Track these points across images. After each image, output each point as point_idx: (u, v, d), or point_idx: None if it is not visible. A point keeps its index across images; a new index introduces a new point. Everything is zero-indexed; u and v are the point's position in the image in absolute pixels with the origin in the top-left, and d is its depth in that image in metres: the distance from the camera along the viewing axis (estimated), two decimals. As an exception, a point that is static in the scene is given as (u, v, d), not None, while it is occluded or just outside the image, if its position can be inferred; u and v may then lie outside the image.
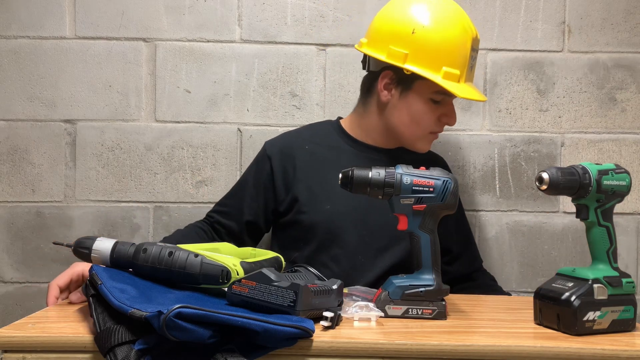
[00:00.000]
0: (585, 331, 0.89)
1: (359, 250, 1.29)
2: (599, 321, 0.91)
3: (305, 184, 1.33)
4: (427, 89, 1.24)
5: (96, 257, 0.96)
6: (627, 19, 1.61)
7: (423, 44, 1.21)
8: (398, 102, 1.28)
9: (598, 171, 0.94)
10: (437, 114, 1.28)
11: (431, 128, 1.29)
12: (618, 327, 0.92)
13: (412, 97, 1.26)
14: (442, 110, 1.28)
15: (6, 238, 1.58)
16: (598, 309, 0.90)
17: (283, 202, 1.34)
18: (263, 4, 1.59)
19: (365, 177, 0.98)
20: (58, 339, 0.82)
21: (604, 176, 0.93)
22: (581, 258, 1.61)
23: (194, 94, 1.60)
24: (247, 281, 0.87)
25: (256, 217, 1.37)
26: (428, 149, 1.34)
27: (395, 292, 0.97)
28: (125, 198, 1.59)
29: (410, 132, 1.29)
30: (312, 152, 1.36)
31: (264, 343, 0.79)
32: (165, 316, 0.72)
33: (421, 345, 0.83)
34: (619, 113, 1.62)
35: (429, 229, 0.98)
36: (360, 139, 1.36)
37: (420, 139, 1.30)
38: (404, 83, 1.26)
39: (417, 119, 1.27)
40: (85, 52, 1.58)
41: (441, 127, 1.31)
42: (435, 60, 1.21)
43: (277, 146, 1.39)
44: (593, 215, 0.94)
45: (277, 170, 1.35)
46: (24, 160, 1.58)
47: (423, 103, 1.26)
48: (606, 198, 0.94)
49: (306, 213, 1.31)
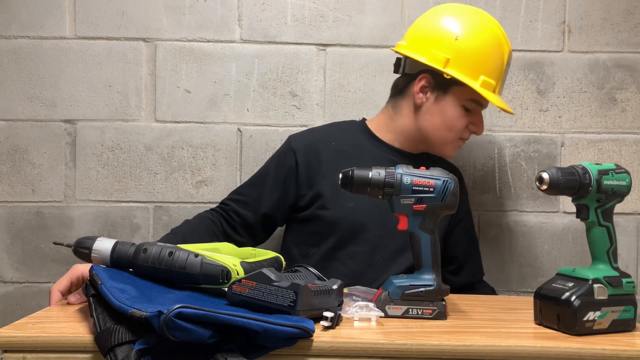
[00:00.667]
0: (585, 331, 0.89)
1: (377, 249, 1.30)
2: (599, 321, 0.90)
3: (330, 180, 1.32)
4: (463, 96, 1.28)
5: (96, 257, 0.96)
6: (627, 19, 1.61)
7: (464, 51, 1.25)
8: (432, 106, 1.30)
9: (598, 171, 0.93)
10: (467, 121, 1.31)
11: (461, 134, 1.32)
12: (618, 327, 0.92)
13: (447, 102, 1.29)
14: (471, 119, 1.31)
15: (6, 238, 1.58)
16: (598, 309, 0.90)
17: (304, 196, 1.34)
18: (263, 4, 1.59)
19: (366, 177, 0.98)
20: (58, 339, 0.82)
21: (604, 176, 0.93)
22: (581, 258, 1.61)
23: (194, 94, 1.60)
24: (247, 281, 0.87)
25: (274, 210, 1.36)
26: (454, 154, 1.37)
27: (395, 292, 0.97)
28: (125, 198, 1.59)
29: (441, 136, 1.32)
30: (339, 149, 1.35)
31: (264, 343, 0.79)
32: (166, 316, 0.72)
33: (421, 345, 0.83)
34: (619, 113, 1.62)
35: (429, 229, 0.98)
36: (386, 140, 1.37)
37: (448, 144, 1.33)
38: (441, 87, 1.29)
39: (449, 124, 1.30)
40: (85, 52, 1.58)
41: (468, 134, 1.34)
42: (475, 68, 1.25)
43: (303, 141, 1.38)
44: (593, 215, 0.94)
45: (302, 164, 1.34)
46: (24, 160, 1.58)
47: (457, 109, 1.29)
48: (606, 198, 0.94)
49: (329, 209, 1.31)
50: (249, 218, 1.35)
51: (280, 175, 1.36)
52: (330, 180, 1.32)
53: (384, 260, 1.30)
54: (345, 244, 1.30)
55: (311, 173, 1.34)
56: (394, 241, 1.29)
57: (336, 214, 1.31)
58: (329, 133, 1.40)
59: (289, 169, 1.35)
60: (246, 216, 1.35)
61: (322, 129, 1.44)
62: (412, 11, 1.59)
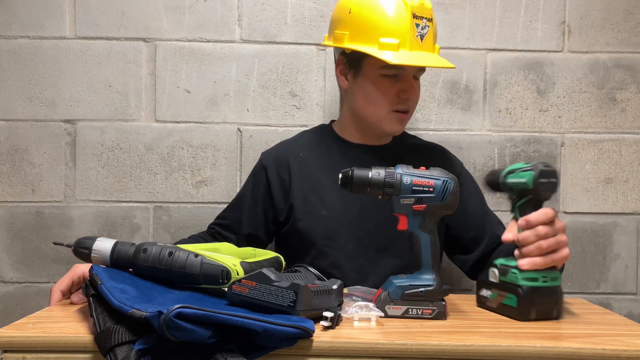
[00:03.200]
0: (482, 305, 1.06)
1: (358, 253, 1.28)
2: (490, 299, 1.04)
3: (300, 191, 1.32)
4: (374, 66, 1.22)
5: (96, 257, 0.96)
6: (627, 19, 1.61)
7: (359, 21, 1.22)
8: (354, 86, 1.28)
9: (508, 171, 1.04)
10: (395, 90, 1.24)
11: (391, 106, 1.25)
12: (504, 311, 1.01)
13: (364, 77, 1.25)
14: (400, 86, 1.24)
15: (6, 238, 1.58)
16: (489, 289, 1.04)
17: (282, 211, 1.33)
18: (263, 4, 1.59)
19: (365, 177, 0.98)
20: (58, 339, 0.82)
21: (509, 175, 1.03)
22: (581, 258, 1.61)
23: (194, 94, 1.60)
24: (247, 281, 0.87)
25: (256, 229, 1.36)
26: (398, 129, 1.29)
27: (395, 292, 0.97)
28: (125, 198, 1.59)
29: (371, 114, 1.27)
30: (305, 159, 1.35)
31: (264, 343, 0.79)
32: (166, 316, 0.72)
33: (421, 345, 0.83)
34: (619, 113, 1.62)
35: (429, 229, 0.98)
36: (351, 139, 1.36)
37: (383, 119, 1.27)
38: (355, 65, 1.26)
39: (372, 98, 1.25)
40: (85, 52, 1.58)
41: (403, 104, 1.26)
42: (371, 34, 1.20)
43: (272, 156, 1.38)
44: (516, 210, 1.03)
45: (273, 180, 1.34)
46: (24, 160, 1.58)
47: (375, 80, 1.24)
48: (518, 195, 1.03)
49: (303, 220, 1.30)
50: (233, 240, 1.35)
51: (256, 195, 1.36)
52: (301, 192, 1.31)
53: (368, 262, 1.28)
54: (325, 253, 1.28)
55: (284, 187, 1.33)
56: (375, 242, 1.28)
57: (310, 225, 1.29)
58: (297, 144, 1.39)
59: (263, 187, 1.35)
60: (230, 238, 1.36)
61: (290, 141, 1.42)
62: (412, 11, 1.59)
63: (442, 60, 1.24)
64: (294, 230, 1.32)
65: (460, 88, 1.61)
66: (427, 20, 1.22)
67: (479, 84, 1.61)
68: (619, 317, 1.06)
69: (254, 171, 1.40)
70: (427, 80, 1.60)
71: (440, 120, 1.61)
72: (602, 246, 1.62)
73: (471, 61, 1.61)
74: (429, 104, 1.61)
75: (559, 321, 0.99)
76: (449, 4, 1.60)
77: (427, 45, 1.22)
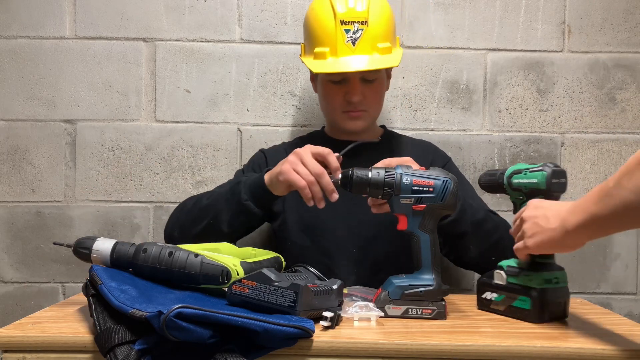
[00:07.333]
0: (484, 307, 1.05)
1: (348, 241, 1.30)
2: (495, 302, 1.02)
3: None
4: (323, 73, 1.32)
5: (96, 257, 0.96)
6: (627, 19, 1.61)
7: (305, 33, 1.35)
8: (318, 91, 1.40)
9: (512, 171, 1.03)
10: (342, 93, 1.32)
11: (341, 107, 1.34)
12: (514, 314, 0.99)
13: (319, 83, 1.37)
14: (345, 89, 1.32)
15: (6, 238, 1.58)
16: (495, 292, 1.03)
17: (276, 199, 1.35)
18: (263, 4, 1.59)
19: (365, 177, 0.98)
20: (58, 339, 0.82)
21: (516, 175, 1.03)
22: (581, 258, 1.61)
23: (194, 94, 1.59)
24: (247, 281, 0.87)
25: None
26: (354, 126, 1.35)
27: (395, 292, 0.97)
28: (125, 198, 1.59)
29: (328, 114, 1.40)
30: None
31: (264, 343, 0.79)
32: (166, 316, 0.72)
33: (421, 345, 0.83)
34: (619, 113, 1.62)
35: (428, 229, 0.98)
36: (336, 137, 1.41)
37: (338, 119, 1.36)
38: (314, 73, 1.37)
39: (326, 101, 1.36)
40: (85, 52, 1.58)
41: (349, 105, 1.32)
42: (310, 44, 1.31)
43: (272, 149, 1.45)
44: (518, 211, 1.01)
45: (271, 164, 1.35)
46: (24, 160, 1.58)
47: (325, 86, 1.34)
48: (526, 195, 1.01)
49: (294, 211, 1.33)
50: None
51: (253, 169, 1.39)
52: None
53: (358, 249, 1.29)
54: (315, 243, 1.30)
55: None
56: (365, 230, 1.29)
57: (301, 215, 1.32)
58: (293, 144, 1.44)
59: (262, 165, 1.39)
60: None
61: (286, 144, 1.47)
62: (412, 11, 1.59)
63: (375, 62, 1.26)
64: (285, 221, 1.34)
65: (460, 88, 1.61)
66: (361, 24, 1.26)
67: (479, 84, 1.61)
68: (619, 317, 1.06)
69: (252, 157, 1.45)
70: (427, 80, 1.60)
71: (440, 120, 1.61)
72: (602, 246, 1.62)
73: (471, 61, 1.61)
74: (429, 104, 1.61)
75: (559, 321, 0.99)
76: (449, 4, 1.60)
77: (362, 49, 1.26)
